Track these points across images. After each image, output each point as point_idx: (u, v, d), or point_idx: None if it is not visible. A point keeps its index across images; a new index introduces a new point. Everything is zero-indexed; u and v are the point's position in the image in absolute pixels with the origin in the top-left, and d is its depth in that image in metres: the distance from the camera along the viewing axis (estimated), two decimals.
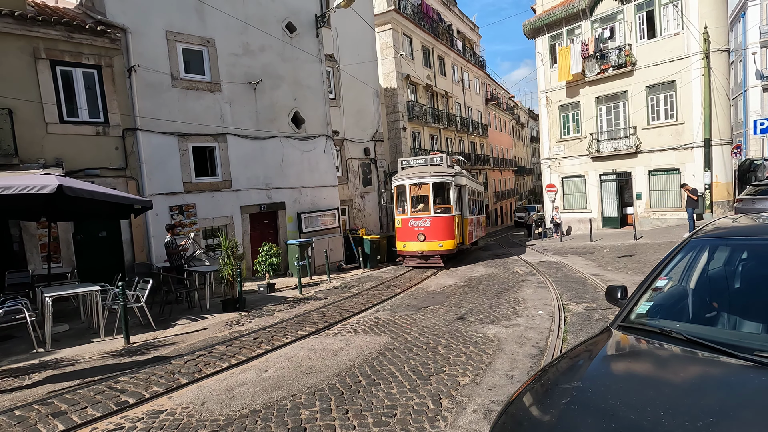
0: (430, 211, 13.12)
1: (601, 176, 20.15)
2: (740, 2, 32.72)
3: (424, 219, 13.07)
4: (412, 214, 13.35)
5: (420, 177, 13.41)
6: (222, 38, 12.32)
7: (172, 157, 11.40)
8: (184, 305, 9.10)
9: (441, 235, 12.95)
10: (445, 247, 12.93)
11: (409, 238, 13.33)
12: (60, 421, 3.88)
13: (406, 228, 13.43)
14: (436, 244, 12.88)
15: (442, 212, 13.24)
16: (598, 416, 1.56)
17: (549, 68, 21.61)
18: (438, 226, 12.97)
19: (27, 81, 9.30)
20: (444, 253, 13.03)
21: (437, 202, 13.51)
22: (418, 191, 13.51)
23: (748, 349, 1.82)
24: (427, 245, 12.97)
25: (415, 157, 15.32)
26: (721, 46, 16.58)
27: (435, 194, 13.41)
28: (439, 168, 13.81)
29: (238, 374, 4.91)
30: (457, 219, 13.60)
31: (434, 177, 13.31)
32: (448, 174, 13.47)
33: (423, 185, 13.38)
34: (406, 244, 13.41)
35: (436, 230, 12.92)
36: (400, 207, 13.91)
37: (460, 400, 3.93)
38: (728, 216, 4.42)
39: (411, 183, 13.43)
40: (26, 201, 7.17)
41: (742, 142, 29.63)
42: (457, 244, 13.30)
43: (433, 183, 13.28)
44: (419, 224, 13.07)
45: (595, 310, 6.95)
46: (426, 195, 13.35)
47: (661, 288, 2.63)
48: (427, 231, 12.96)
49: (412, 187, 13.46)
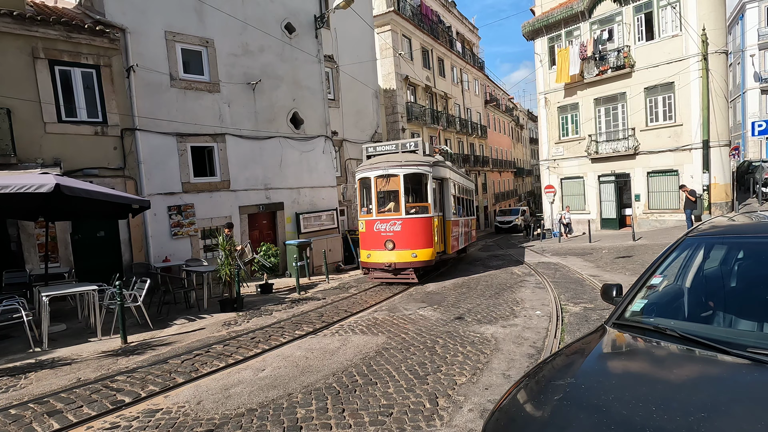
0: (401, 211, 10.38)
1: (599, 177, 20.18)
2: (738, 4, 32.81)
3: (394, 222, 10.35)
4: (379, 216, 10.60)
5: (388, 167, 10.57)
6: (221, 38, 12.33)
7: (171, 157, 11.40)
8: (182, 305, 9.08)
9: (415, 242, 10.25)
10: (421, 257, 10.23)
11: (374, 245, 10.56)
12: (55, 419, 3.87)
13: (371, 233, 10.68)
14: (409, 253, 10.16)
15: (417, 213, 10.60)
16: (590, 411, 1.56)
17: (548, 70, 21.66)
18: (411, 230, 10.31)
19: (25, 80, 9.30)
20: (419, 266, 10.33)
21: (411, 199, 10.86)
22: (386, 185, 10.70)
23: (741, 346, 1.82)
24: (396, 255, 10.20)
25: (383, 143, 12.27)
26: (719, 47, 16.62)
27: (408, 189, 10.81)
28: (414, 156, 11.02)
29: (235, 374, 4.90)
30: (437, 221, 10.98)
31: (406, 167, 10.54)
32: (425, 163, 10.75)
33: (392, 178, 10.59)
34: (371, 253, 10.62)
35: (408, 236, 10.25)
36: (364, 206, 11.29)
37: (457, 400, 3.92)
38: (724, 215, 4.43)
39: (377, 175, 10.64)
40: (24, 200, 7.17)
41: (740, 144, 29.70)
42: (436, 253, 10.65)
43: (406, 175, 10.51)
44: (387, 228, 10.38)
45: (592, 310, 6.96)
46: (396, 190, 10.60)
47: (656, 286, 2.63)
48: (398, 237, 10.26)
49: (379, 181, 10.69)
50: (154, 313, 8.02)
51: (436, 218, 10.90)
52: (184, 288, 9.28)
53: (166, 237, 11.25)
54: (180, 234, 11.46)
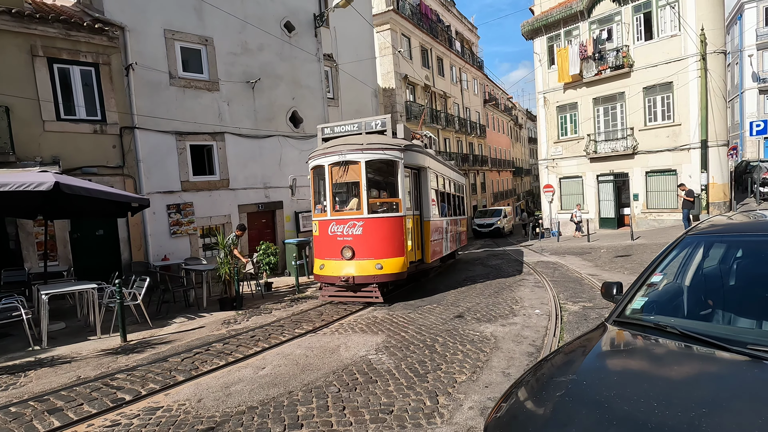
0: (363, 209, 8.10)
1: (598, 177, 20.22)
2: (737, 5, 32.90)
3: (353, 223, 8.09)
4: (335, 215, 8.33)
5: (346, 152, 8.20)
6: (220, 37, 12.31)
7: (170, 155, 11.39)
8: (182, 304, 9.08)
9: (380, 249, 8.02)
10: (388, 269, 7.96)
11: (328, 253, 8.28)
12: (56, 417, 3.87)
13: (325, 237, 8.41)
14: (371, 264, 7.92)
15: (384, 211, 8.36)
16: (592, 408, 1.57)
17: (547, 69, 21.68)
18: (375, 234, 8.06)
19: (24, 78, 9.28)
20: (386, 280, 8.06)
21: (377, 194, 8.77)
22: (344, 176, 8.36)
23: (741, 343, 1.83)
24: (356, 266, 7.95)
25: (343, 122, 9.63)
26: (717, 48, 16.66)
27: (372, 181, 8.57)
28: (382, 138, 8.68)
29: (235, 372, 4.91)
30: (412, 222, 8.76)
31: (369, 151, 8.17)
32: (395, 147, 8.37)
33: (351, 165, 8.23)
34: (325, 264, 8.30)
35: (372, 241, 8.03)
36: (318, 203, 8.95)
37: (457, 398, 3.94)
38: (723, 214, 4.46)
39: (331, 162, 8.29)
40: (23, 198, 7.17)
41: (738, 144, 29.76)
42: (409, 263, 8.41)
43: (369, 161, 8.17)
44: (345, 231, 8.13)
45: (591, 309, 6.98)
46: (356, 182, 8.34)
47: (657, 284, 2.64)
48: (358, 243, 8.03)
49: (334, 170, 8.33)
50: (153, 312, 8.02)
51: (410, 218, 8.67)
52: (183, 287, 9.28)
53: (165, 236, 11.24)
54: (179, 233, 11.46)
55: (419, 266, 9.31)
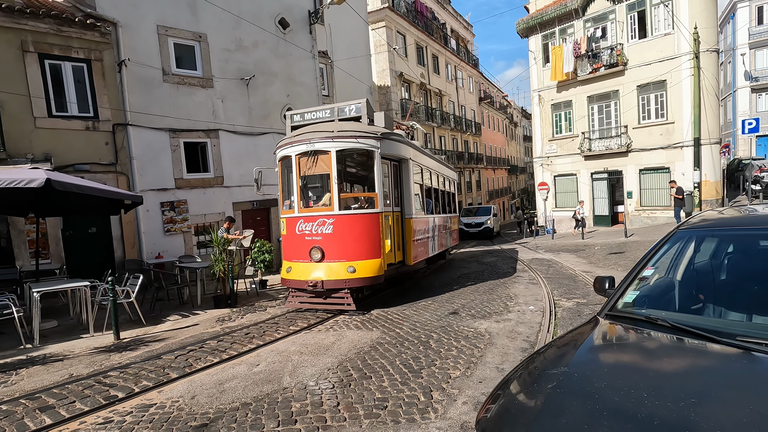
0: (334, 204, 7.33)
1: (592, 175, 20.33)
2: (730, 4, 33.13)
3: (322, 220, 7.33)
4: (303, 212, 7.58)
5: (314, 140, 7.38)
6: (214, 33, 12.23)
7: (164, 152, 11.31)
8: (176, 302, 9.03)
9: (353, 249, 7.28)
10: (362, 272, 7.19)
11: (296, 255, 7.56)
12: (47, 415, 3.84)
13: (292, 237, 7.64)
14: (343, 267, 7.17)
15: (358, 207, 7.71)
16: (583, 399, 1.58)
17: (542, 67, 21.74)
18: (347, 233, 7.32)
19: (15, 74, 9.18)
20: (359, 284, 7.26)
21: (349, 187, 8.25)
22: (313, 167, 7.55)
23: (730, 335, 1.85)
24: (326, 269, 7.17)
25: (313, 108, 8.60)
26: (710, 46, 16.78)
27: (344, 173, 8.06)
28: (355, 125, 7.77)
29: (229, 369, 4.89)
30: (391, 220, 8.00)
31: (341, 139, 7.36)
32: (370, 135, 7.52)
33: (320, 155, 7.42)
34: (292, 266, 7.56)
35: (343, 241, 7.29)
36: (287, 198, 8.12)
37: (451, 393, 3.95)
38: (714, 208, 4.49)
39: (299, 152, 7.50)
40: (14, 195, 7.10)
41: (730, 142, 30.04)
42: (387, 265, 7.61)
43: (340, 151, 7.41)
44: (313, 230, 7.34)
45: (585, 305, 7.02)
46: (326, 174, 7.59)
47: (648, 278, 2.66)
48: (328, 243, 7.26)
49: (302, 160, 7.54)
50: (146, 310, 7.97)
51: (388, 215, 7.90)
52: (177, 284, 9.23)
53: (158, 233, 11.18)
54: (173, 230, 11.40)
55: (400, 269, 8.47)
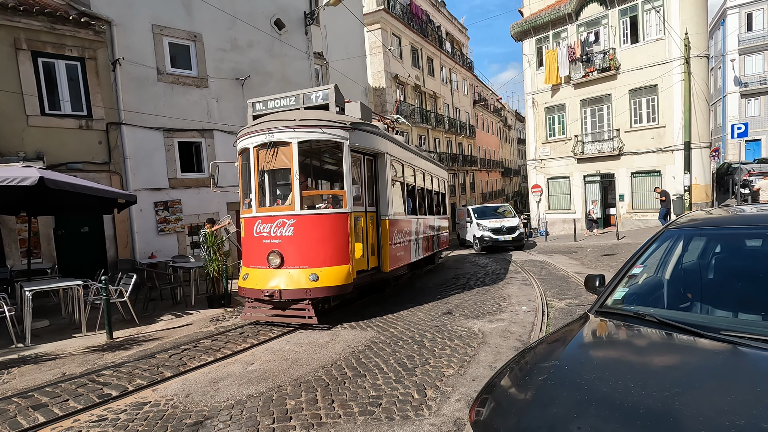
0: (295, 203, 6.58)
1: (585, 177, 20.53)
2: (720, 10, 33.65)
3: (282, 221, 6.58)
4: (261, 211, 6.90)
5: (275, 130, 6.61)
6: (209, 33, 12.22)
7: (158, 152, 11.27)
8: (169, 301, 9.00)
9: (316, 254, 6.52)
10: (326, 280, 6.41)
11: (254, 260, 6.86)
12: (41, 413, 3.83)
13: (250, 240, 6.96)
14: (304, 275, 6.40)
15: (324, 207, 7.06)
16: (572, 389, 1.63)
17: (536, 71, 21.94)
18: (310, 235, 6.56)
19: (7, 72, 9.10)
20: (323, 294, 6.48)
21: (313, 183, 7.52)
22: (273, 161, 6.79)
23: (716, 329, 1.91)
24: (286, 277, 6.43)
25: (277, 95, 7.67)
26: (701, 51, 17.05)
27: (308, 168, 7.42)
28: (322, 114, 6.96)
29: (224, 367, 4.90)
30: (364, 221, 7.20)
31: (303, 129, 6.57)
32: (337, 125, 6.71)
33: (280, 147, 6.67)
34: (249, 273, 6.84)
35: (305, 245, 6.54)
36: (246, 197, 7.30)
37: (445, 390, 3.99)
38: (702, 209, 4.59)
39: (257, 144, 6.78)
40: (5, 194, 7.04)
41: (720, 146, 30.48)
42: (357, 272, 6.86)
43: (302, 142, 6.62)
44: (272, 232, 6.62)
45: (577, 305, 7.10)
46: (286, 169, 6.81)
47: (637, 276, 2.72)
48: (287, 246, 6.52)
49: (261, 153, 6.82)
50: (140, 310, 7.94)
51: (361, 216, 7.13)
52: (170, 284, 9.19)
53: (152, 233, 11.12)
54: (166, 230, 11.35)
55: (375, 276, 7.60)
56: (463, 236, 19.66)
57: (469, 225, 18.12)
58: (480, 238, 16.85)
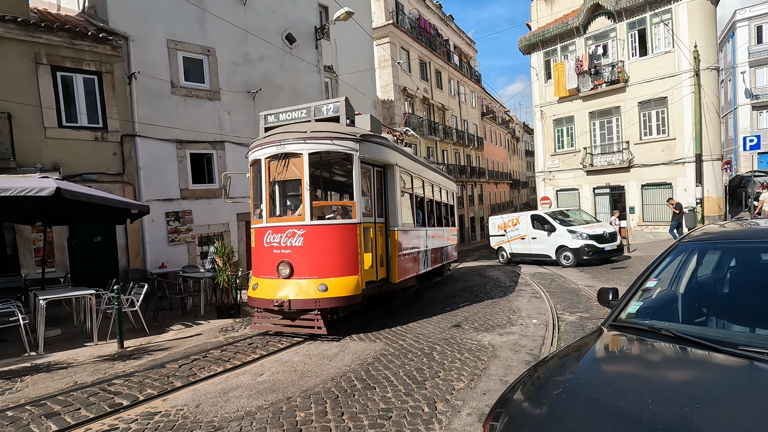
0: (305, 214, 6.65)
1: (594, 190, 20.41)
2: (729, 23, 33.61)
3: (292, 231, 6.63)
4: (272, 221, 6.96)
5: (285, 142, 6.74)
6: (222, 47, 12.49)
7: (170, 163, 11.45)
8: (179, 311, 9.05)
9: (325, 265, 6.56)
10: (335, 291, 6.43)
11: (264, 270, 6.89)
12: (53, 421, 3.85)
13: (261, 250, 7.02)
14: (314, 285, 6.42)
15: (333, 217, 7.06)
16: (588, 404, 1.62)
17: (544, 83, 22.01)
18: (319, 246, 6.61)
19: (27, 85, 9.37)
20: (331, 305, 6.48)
21: (322, 195, 7.63)
22: (284, 172, 6.89)
23: (733, 344, 1.89)
24: (295, 287, 6.46)
25: (288, 108, 7.72)
26: (710, 64, 17.01)
27: (318, 179, 7.51)
28: (332, 126, 7.03)
29: (233, 378, 4.90)
30: (373, 232, 7.24)
31: (314, 141, 6.67)
32: (348, 136, 6.83)
33: (291, 159, 6.79)
34: (259, 283, 6.87)
35: (314, 255, 6.58)
36: (257, 207, 7.41)
37: (455, 404, 3.95)
38: (716, 222, 4.54)
39: (268, 155, 6.91)
40: (22, 204, 7.20)
41: (732, 159, 30.15)
42: (365, 283, 6.87)
43: (313, 153, 6.74)
44: (282, 242, 6.67)
45: (588, 319, 7.01)
46: (297, 180, 6.88)
47: (651, 290, 2.70)
48: (297, 257, 6.57)
49: (272, 164, 6.93)
50: (150, 319, 7.99)
51: (371, 227, 7.19)
52: (180, 294, 9.26)
53: (163, 243, 11.25)
54: (177, 240, 11.47)
55: (383, 287, 7.60)
56: (515, 250, 16.12)
57: (548, 235, 14.63)
58: (579, 249, 13.64)
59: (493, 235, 17.41)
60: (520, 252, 15.99)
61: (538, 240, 15.07)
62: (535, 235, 15.25)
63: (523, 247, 15.84)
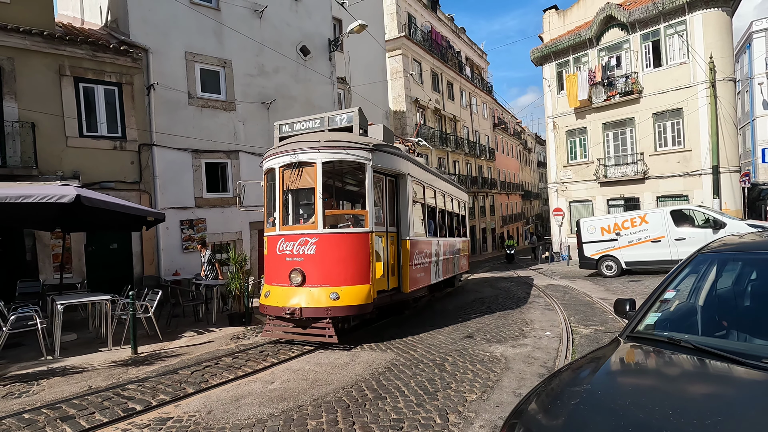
0: (318, 222, 6.70)
1: (608, 201, 20.16)
2: (746, 34, 33.23)
3: (304, 240, 6.65)
4: (284, 230, 6.99)
5: (299, 151, 6.81)
6: (238, 59, 12.75)
7: (185, 172, 11.66)
8: (191, 318, 9.12)
9: (337, 273, 6.56)
10: (347, 299, 6.43)
11: (276, 277, 6.90)
12: (68, 425, 3.90)
13: (273, 258, 7.03)
14: (325, 293, 6.42)
15: (346, 226, 7.11)
16: (607, 415, 1.59)
17: (556, 94, 21.96)
18: (331, 254, 6.62)
19: (51, 96, 9.67)
20: (343, 314, 6.49)
21: (336, 204, 7.65)
22: (297, 180, 6.94)
23: (755, 357, 1.84)
24: (306, 295, 6.46)
25: (302, 118, 7.88)
26: (727, 75, 16.81)
27: (331, 188, 7.64)
28: (345, 135, 7.13)
29: (245, 385, 4.91)
30: (384, 241, 7.29)
31: (327, 150, 6.72)
32: (361, 146, 6.89)
33: (305, 168, 6.83)
34: (271, 291, 6.88)
35: (326, 263, 6.58)
36: (270, 215, 7.43)
37: (467, 416, 3.90)
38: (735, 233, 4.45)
39: (282, 164, 6.97)
40: (42, 210, 7.38)
41: (751, 170, 29.54)
42: (377, 292, 6.85)
43: (326, 162, 6.79)
44: (295, 250, 6.68)
45: (603, 332, 6.89)
46: (310, 188, 6.91)
47: (669, 301, 2.65)
48: (309, 265, 6.57)
49: (286, 173, 6.98)
50: (163, 326, 8.06)
51: (383, 236, 7.23)
52: (193, 301, 9.34)
53: (177, 250, 11.39)
54: (191, 248, 11.60)
55: (395, 296, 7.57)
56: (635, 258, 13.25)
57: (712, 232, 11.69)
58: None
59: (590, 241, 14.01)
60: (648, 259, 12.89)
61: (689, 241, 11.81)
62: (682, 236, 12.19)
63: (654, 253, 12.73)
